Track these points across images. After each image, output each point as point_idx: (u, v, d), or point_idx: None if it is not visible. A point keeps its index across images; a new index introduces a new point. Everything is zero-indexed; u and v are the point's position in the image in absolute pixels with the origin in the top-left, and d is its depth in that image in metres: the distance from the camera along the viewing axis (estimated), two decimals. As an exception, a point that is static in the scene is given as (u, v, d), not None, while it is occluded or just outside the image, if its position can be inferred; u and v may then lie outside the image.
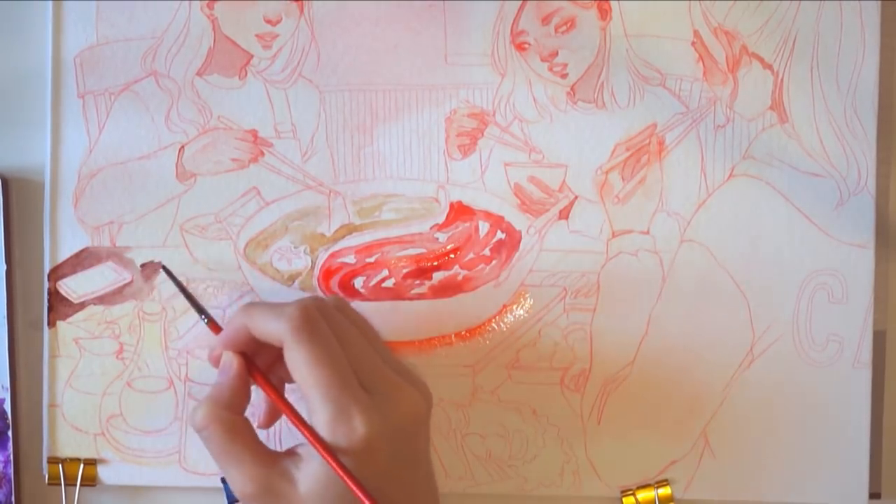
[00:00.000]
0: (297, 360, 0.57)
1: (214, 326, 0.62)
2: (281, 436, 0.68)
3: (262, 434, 0.60)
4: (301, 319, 0.57)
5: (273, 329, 0.58)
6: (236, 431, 0.59)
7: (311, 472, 0.57)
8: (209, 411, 0.59)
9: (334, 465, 0.56)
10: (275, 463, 0.58)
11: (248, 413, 0.60)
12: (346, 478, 0.55)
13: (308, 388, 0.57)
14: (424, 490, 0.60)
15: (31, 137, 0.68)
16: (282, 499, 0.57)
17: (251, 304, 0.61)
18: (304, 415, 0.58)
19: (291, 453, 0.59)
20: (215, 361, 0.61)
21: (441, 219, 0.68)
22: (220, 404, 0.59)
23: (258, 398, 0.62)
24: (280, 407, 0.59)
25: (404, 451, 0.58)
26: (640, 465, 0.68)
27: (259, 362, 0.61)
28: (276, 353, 0.60)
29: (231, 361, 0.60)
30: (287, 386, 0.62)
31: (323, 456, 0.56)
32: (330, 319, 0.59)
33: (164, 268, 0.66)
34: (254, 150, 0.68)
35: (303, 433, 0.57)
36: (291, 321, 0.57)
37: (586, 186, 0.68)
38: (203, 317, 0.63)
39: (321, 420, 0.56)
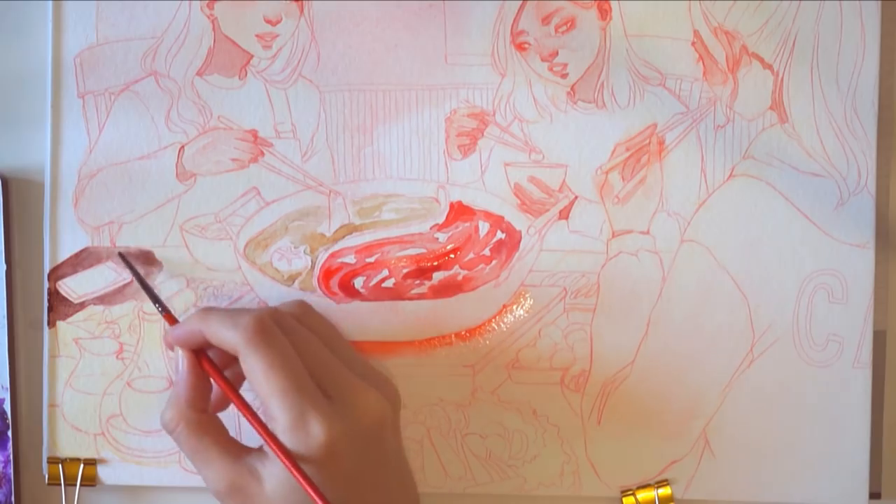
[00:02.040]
0: (253, 368, 0.57)
1: (170, 318, 0.63)
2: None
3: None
4: (254, 329, 0.57)
5: (228, 338, 0.58)
6: (203, 429, 0.59)
7: (275, 472, 0.57)
8: (175, 412, 0.60)
9: (290, 466, 0.55)
10: (243, 460, 0.58)
11: None
12: (301, 480, 0.55)
13: (265, 395, 0.57)
14: (398, 491, 0.60)
15: (31, 137, 0.68)
16: (249, 496, 0.57)
17: (208, 310, 0.61)
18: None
19: (259, 451, 0.59)
20: (170, 347, 0.61)
21: (441, 219, 0.68)
22: (183, 403, 0.60)
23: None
24: (235, 404, 0.59)
25: (370, 454, 0.58)
26: (640, 465, 0.68)
27: (219, 361, 0.61)
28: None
29: (181, 360, 0.60)
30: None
31: (278, 456, 0.56)
32: (286, 328, 0.59)
33: (121, 254, 0.67)
34: (254, 150, 0.68)
35: (259, 433, 0.57)
36: (245, 331, 0.57)
37: (586, 186, 0.68)
38: (158, 307, 0.64)
39: (280, 426, 0.56)
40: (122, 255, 0.67)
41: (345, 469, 0.57)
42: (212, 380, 0.61)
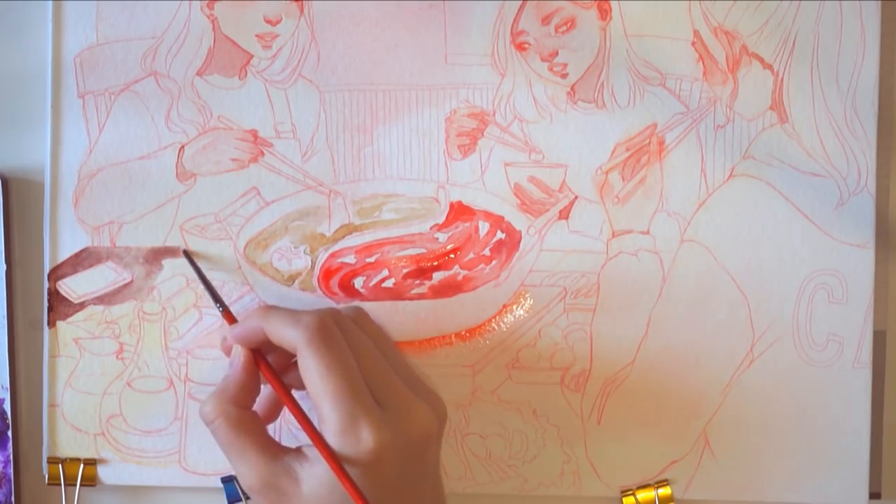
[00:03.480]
0: (310, 368, 0.57)
1: (229, 317, 0.63)
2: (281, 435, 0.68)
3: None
4: (317, 328, 0.58)
5: (289, 335, 0.59)
6: (242, 426, 0.59)
7: (315, 474, 0.57)
8: (216, 405, 0.60)
9: (336, 469, 0.56)
10: (280, 459, 0.58)
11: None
12: (346, 484, 0.55)
13: (319, 396, 0.57)
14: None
15: (31, 137, 0.68)
16: (284, 496, 0.58)
17: (269, 308, 0.61)
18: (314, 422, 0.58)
19: (298, 452, 0.59)
20: (227, 351, 0.62)
21: (441, 219, 0.68)
22: (227, 398, 0.60)
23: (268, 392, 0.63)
24: (288, 406, 0.60)
25: (412, 466, 0.58)
26: (640, 465, 0.68)
27: (272, 364, 0.61)
28: (289, 357, 0.61)
29: (239, 356, 0.61)
30: (298, 393, 0.62)
31: (325, 459, 0.56)
32: (346, 331, 0.60)
33: (186, 252, 0.66)
34: (254, 150, 0.68)
35: (308, 434, 0.57)
36: (307, 329, 0.58)
37: (586, 186, 0.68)
38: (219, 305, 0.64)
39: (330, 429, 0.57)
40: (186, 253, 0.67)
41: (387, 478, 0.57)
42: (263, 381, 0.61)
